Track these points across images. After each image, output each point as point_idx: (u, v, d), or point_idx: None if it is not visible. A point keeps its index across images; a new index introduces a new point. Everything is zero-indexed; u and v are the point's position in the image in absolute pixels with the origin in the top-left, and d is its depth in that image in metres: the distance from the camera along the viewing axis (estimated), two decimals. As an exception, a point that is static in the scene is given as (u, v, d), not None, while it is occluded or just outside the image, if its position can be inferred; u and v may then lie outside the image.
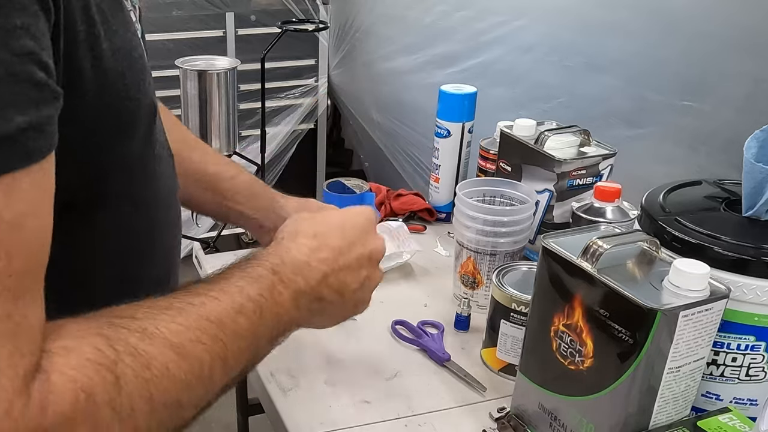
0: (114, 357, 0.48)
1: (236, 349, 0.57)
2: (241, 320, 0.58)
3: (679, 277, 0.76)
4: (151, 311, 0.53)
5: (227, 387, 0.60)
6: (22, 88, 0.42)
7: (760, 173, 0.84)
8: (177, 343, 0.52)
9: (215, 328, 0.56)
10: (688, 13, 1.33)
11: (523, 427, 0.90)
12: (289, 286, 0.65)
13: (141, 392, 0.49)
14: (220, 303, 0.57)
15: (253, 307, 0.60)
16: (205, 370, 0.54)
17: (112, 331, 0.49)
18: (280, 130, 3.07)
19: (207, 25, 2.84)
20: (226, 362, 0.56)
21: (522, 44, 1.83)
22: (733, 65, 1.24)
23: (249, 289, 0.61)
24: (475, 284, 1.15)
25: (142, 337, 0.50)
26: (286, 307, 0.64)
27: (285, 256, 0.66)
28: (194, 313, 0.55)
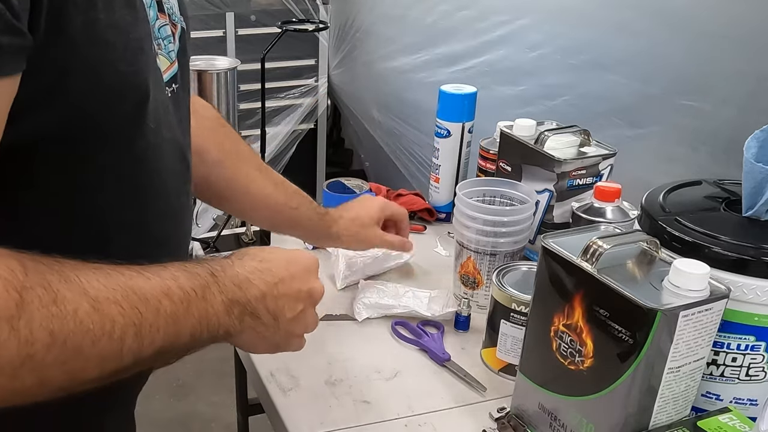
0: (25, 283, 0.50)
1: (153, 325, 0.58)
2: (165, 302, 0.59)
3: (679, 277, 0.76)
4: (79, 264, 0.55)
5: (139, 362, 0.59)
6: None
7: (760, 173, 0.84)
8: (93, 295, 0.54)
9: (136, 299, 0.57)
10: (691, 11, 1.33)
11: (523, 427, 0.90)
12: (225, 292, 0.66)
13: (43, 323, 0.50)
14: (149, 281, 0.59)
15: (181, 295, 0.61)
16: (116, 331, 0.55)
17: (32, 263, 0.52)
18: (280, 130, 3.07)
19: (207, 25, 2.84)
20: (140, 333, 0.57)
21: (526, 43, 1.83)
22: (736, 64, 1.24)
23: (182, 281, 0.62)
24: (475, 284, 1.15)
25: (60, 279, 0.52)
26: (216, 309, 0.65)
27: (227, 268, 0.68)
28: (120, 280, 0.57)
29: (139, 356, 0.58)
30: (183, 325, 0.61)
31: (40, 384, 0.53)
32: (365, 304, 1.14)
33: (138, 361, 0.59)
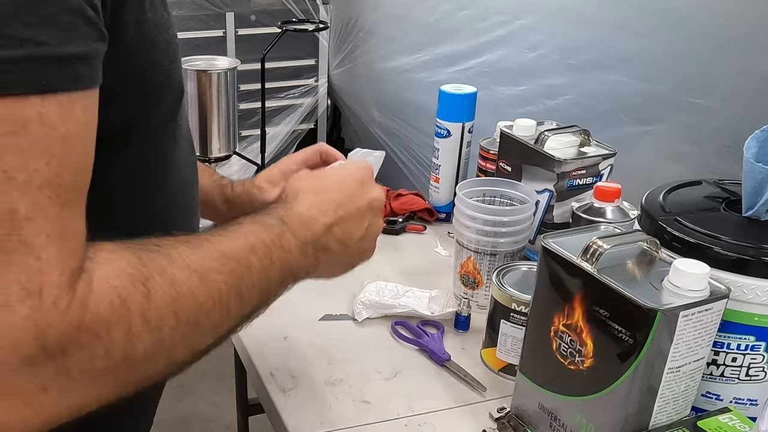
0: (146, 273, 0.52)
1: (250, 284, 0.61)
2: (253, 259, 0.62)
3: (679, 277, 0.76)
4: (172, 242, 0.57)
5: (241, 322, 0.63)
6: (75, 20, 0.47)
7: (760, 173, 0.84)
8: (198, 269, 0.56)
9: (231, 263, 0.60)
10: (693, 10, 1.33)
11: (523, 427, 0.90)
12: (297, 236, 0.68)
13: (168, 307, 0.53)
14: (234, 241, 0.62)
15: (264, 250, 0.64)
16: (223, 298, 0.58)
17: (143, 252, 0.54)
18: (280, 130, 3.07)
19: (207, 25, 2.84)
20: (241, 295, 0.60)
21: (526, 43, 1.83)
22: (740, 62, 1.24)
23: (261, 234, 0.65)
24: (475, 284, 1.15)
25: (169, 261, 0.55)
26: (294, 255, 0.67)
27: (290, 209, 0.70)
28: (211, 248, 0.59)
29: (242, 316, 0.62)
30: (272, 277, 0.65)
31: (169, 364, 0.56)
32: (365, 304, 1.14)
33: (241, 321, 0.63)
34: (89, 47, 0.49)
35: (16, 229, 0.44)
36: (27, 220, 0.44)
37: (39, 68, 0.45)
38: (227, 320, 0.60)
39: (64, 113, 0.46)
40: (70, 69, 0.47)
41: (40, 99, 0.45)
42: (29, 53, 0.44)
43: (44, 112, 0.45)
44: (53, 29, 0.45)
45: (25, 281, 0.44)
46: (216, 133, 2.54)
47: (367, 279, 1.20)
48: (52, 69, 0.46)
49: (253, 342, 1.08)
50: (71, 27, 0.47)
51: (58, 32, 0.46)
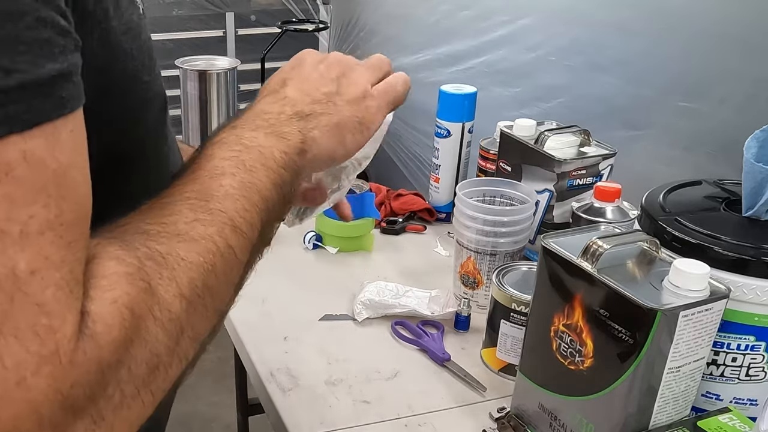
0: (137, 263, 0.45)
1: (239, 210, 0.53)
2: (227, 181, 0.54)
3: (679, 277, 0.76)
4: (139, 214, 0.51)
5: (257, 250, 0.56)
6: (49, 34, 0.40)
7: (760, 173, 0.84)
8: (177, 230, 0.49)
9: (204, 203, 0.52)
10: (689, 12, 1.33)
11: (523, 427, 0.90)
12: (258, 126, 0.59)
13: (172, 292, 0.47)
14: (197, 181, 0.54)
15: (233, 164, 0.55)
16: (219, 244, 0.51)
17: (126, 237, 0.47)
18: (280, 130, 3.07)
19: (207, 25, 2.85)
20: (237, 227, 0.52)
21: (525, 43, 1.83)
22: (733, 66, 1.24)
23: (219, 153, 0.56)
24: (475, 284, 1.15)
25: (147, 236, 0.48)
26: (266, 143, 0.58)
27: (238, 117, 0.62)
28: (178, 201, 0.52)
29: (252, 244, 0.54)
30: (257, 185, 0.55)
31: (195, 340, 0.50)
32: (365, 304, 1.14)
33: (255, 248, 0.56)
34: (69, 61, 0.42)
35: (20, 288, 0.38)
36: (31, 275, 0.39)
37: (15, 101, 0.38)
38: (236, 259, 0.53)
39: (51, 145, 0.40)
40: (52, 93, 0.41)
41: (21, 137, 0.38)
42: (6, 86, 0.38)
43: (29, 149, 0.39)
44: (25, 50, 0.39)
45: (39, 347, 0.39)
46: (216, 133, 2.54)
47: (367, 279, 1.20)
48: (31, 98, 0.39)
49: (253, 342, 1.08)
50: (46, 43, 0.40)
51: (32, 52, 0.39)
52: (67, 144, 0.42)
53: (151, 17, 2.73)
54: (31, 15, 0.39)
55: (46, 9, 0.40)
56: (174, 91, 2.50)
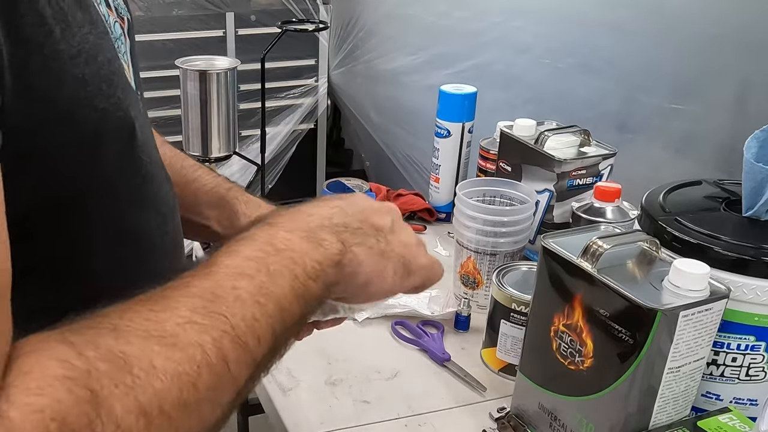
0: (84, 366, 0.38)
1: (247, 319, 0.46)
2: (242, 283, 0.47)
3: (679, 277, 0.76)
4: (125, 305, 0.44)
5: (263, 365, 0.48)
6: None
7: (760, 173, 0.84)
8: (160, 331, 0.42)
9: (209, 303, 0.45)
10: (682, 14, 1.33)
11: (523, 427, 0.90)
12: (296, 227, 0.53)
13: (126, 404, 0.39)
14: (210, 276, 0.47)
15: (254, 266, 0.49)
16: (211, 355, 0.43)
17: (77, 335, 0.40)
18: (280, 130, 3.07)
19: (207, 25, 2.84)
20: (238, 338, 0.45)
21: (518, 45, 1.83)
22: (726, 68, 1.24)
23: (244, 251, 0.50)
24: (475, 284, 1.15)
25: (116, 335, 0.41)
26: (300, 250, 0.51)
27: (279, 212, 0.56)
28: (178, 295, 0.45)
29: (255, 359, 0.47)
30: (278, 291, 0.49)
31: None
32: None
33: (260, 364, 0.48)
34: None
35: None
36: None
37: None
38: (230, 375, 0.45)
39: None
40: None
41: None
42: None
43: None
44: None
45: None
46: (216, 133, 2.54)
47: None
48: None
49: (253, 342, 1.08)
50: None
51: None
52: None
53: (151, 17, 2.73)
54: None
55: None
56: (174, 91, 2.50)
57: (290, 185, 3.16)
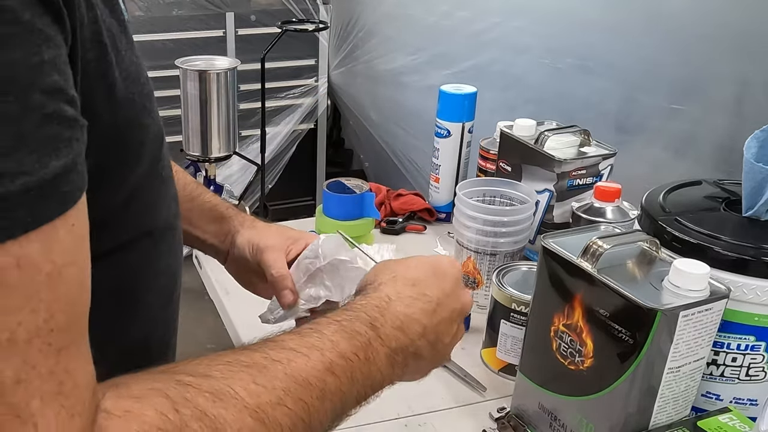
0: (179, 422, 0.43)
1: (320, 411, 0.53)
2: (329, 380, 0.54)
3: (679, 277, 0.76)
4: (229, 368, 0.49)
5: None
6: (55, 130, 0.38)
7: (760, 173, 0.84)
8: (254, 405, 0.47)
9: (300, 389, 0.51)
10: (680, 15, 1.33)
11: (523, 427, 0.90)
12: (387, 343, 0.60)
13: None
14: (309, 360, 0.53)
15: (344, 366, 0.55)
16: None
17: (178, 391, 0.45)
18: (280, 130, 3.07)
19: (207, 25, 2.84)
20: (310, 425, 0.52)
21: (517, 46, 1.83)
22: (723, 68, 1.24)
23: (343, 345, 0.56)
24: (475, 284, 1.15)
25: (214, 398, 0.46)
26: (379, 366, 0.59)
27: (385, 309, 0.62)
28: (279, 372, 0.51)
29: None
30: (348, 396, 0.56)
31: None
32: None
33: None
34: (74, 151, 0.39)
35: (4, 398, 0.36)
36: (16, 384, 0.36)
37: (18, 206, 0.36)
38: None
39: (47, 247, 0.38)
40: (55, 192, 0.38)
41: (17, 242, 0.36)
42: (6, 191, 0.35)
43: (23, 255, 0.36)
44: (31, 150, 0.37)
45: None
46: (216, 133, 2.54)
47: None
48: (34, 202, 0.37)
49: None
50: (52, 139, 0.38)
51: (38, 152, 0.37)
52: (65, 242, 0.39)
53: (151, 17, 2.73)
54: (38, 112, 0.37)
55: (53, 102, 0.38)
56: (174, 91, 2.50)
57: (290, 185, 3.16)
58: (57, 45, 0.39)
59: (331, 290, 0.81)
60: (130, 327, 0.60)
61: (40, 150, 0.37)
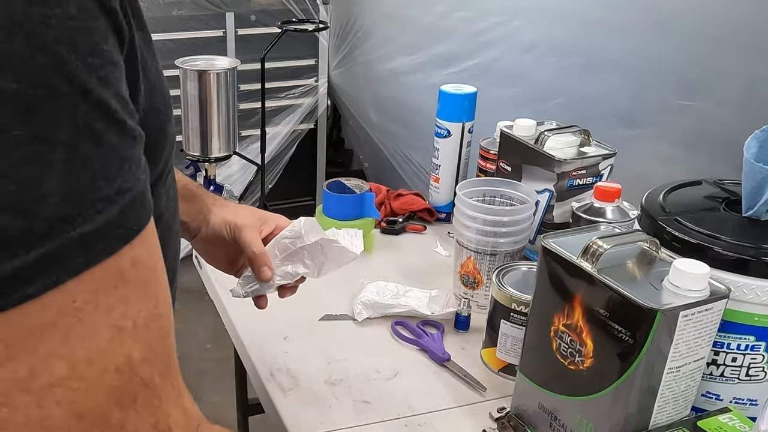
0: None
1: None
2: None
3: (679, 277, 0.76)
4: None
5: None
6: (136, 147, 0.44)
7: (760, 173, 0.84)
8: None
9: None
10: (685, 12, 1.33)
11: (523, 427, 0.90)
12: None
13: None
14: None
15: None
16: None
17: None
18: (280, 130, 3.07)
19: (207, 25, 2.84)
20: None
21: (520, 44, 1.83)
22: (731, 64, 1.24)
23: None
24: (475, 284, 1.15)
25: None
26: None
27: None
28: None
29: None
30: None
31: None
32: (365, 304, 1.14)
33: None
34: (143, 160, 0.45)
35: (136, 374, 0.43)
36: (143, 362, 0.44)
37: (128, 216, 0.43)
38: None
39: (147, 246, 0.45)
40: (146, 200, 0.45)
41: (131, 246, 0.43)
42: (121, 206, 0.42)
43: (136, 255, 0.43)
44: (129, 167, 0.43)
45: (154, 422, 0.45)
46: (216, 133, 2.54)
47: (367, 279, 1.20)
48: (138, 210, 0.44)
49: (253, 342, 1.08)
50: (138, 155, 0.44)
51: (133, 168, 0.43)
52: (154, 241, 0.46)
53: (151, 17, 2.72)
54: (129, 135, 0.43)
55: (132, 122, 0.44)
56: (174, 91, 2.50)
57: (290, 185, 3.16)
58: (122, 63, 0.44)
59: (310, 268, 0.90)
60: None
61: (133, 166, 0.43)
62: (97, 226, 0.40)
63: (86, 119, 0.39)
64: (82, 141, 0.39)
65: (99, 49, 0.40)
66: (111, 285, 0.42)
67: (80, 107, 0.39)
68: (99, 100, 0.40)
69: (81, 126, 0.39)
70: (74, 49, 0.39)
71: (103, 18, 0.41)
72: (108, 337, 0.41)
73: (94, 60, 0.40)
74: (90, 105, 0.40)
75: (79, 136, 0.39)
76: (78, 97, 0.39)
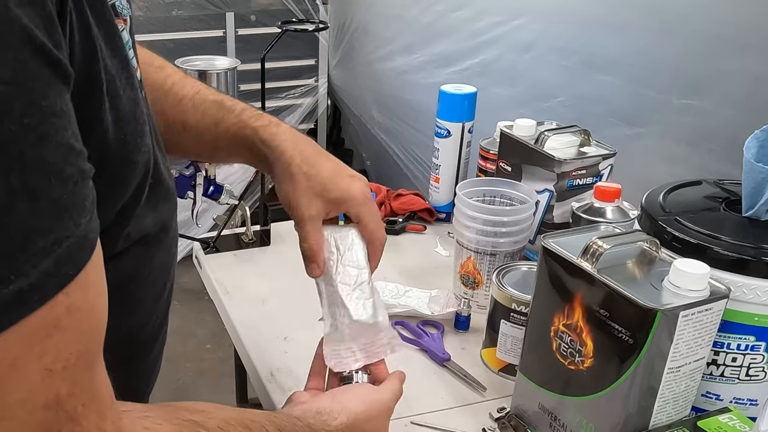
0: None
1: None
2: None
3: (679, 277, 0.76)
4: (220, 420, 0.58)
5: None
6: (80, 190, 0.43)
7: (760, 173, 0.84)
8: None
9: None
10: (687, 11, 1.33)
11: (523, 427, 0.90)
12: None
13: None
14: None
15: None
16: None
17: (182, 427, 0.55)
18: (281, 130, 3.07)
19: (207, 25, 2.85)
20: None
21: (521, 43, 1.83)
22: (733, 63, 1.24)
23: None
24: (475, 284, 1.15)
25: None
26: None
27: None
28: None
29: None
30: None
31: None
32: None
33: None
34: (91, 200, 0.44)
35: (62, 407, 0.44)
36: (68, 396, 0.44)
37: (65, 263, 0.42)
38: None
39: (84, 288, 0.44)
40: (86, 242, 0.43)
41: (65, 293, 0.42)
42: (58, 255, 0.41)
43: (71, 302, 0.43)
44: (70, 215, 0.41)
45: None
46: (216, 133, 2.54)
47: None
48: (74, 255, 0.42)
49: (253, 342, 1.08)
50: (82, 199, 0.42)
51: (75, 213, 0.42)
52: (93, 280, 0.45)
53: (151, 17, 2.73)
54: (70, 182, 0.41)
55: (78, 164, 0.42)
56: (174, 91, 2.50)
57: (290, 185, 3.16)
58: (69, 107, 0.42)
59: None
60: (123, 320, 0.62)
61: (74, 213, 0.42)
62: (31, 281, 0.39)
63: (21, 179, 0.38)
64: (16, 201, 0.38)
65: (36, 107, 0.39)
66: (45, 333, 0.42)
67: (14, 169, 0.38)
68: (36, 159, 0.39)
69: (15, 187, 0.38)
70: (7, 115, 0.37)
71: (48, 70, 0.40)
72: (39, 380, 0.42)
73: (30, 120, 0.38)
74: (25, 165, 0.38)
75: (12, 197, 0.38)
76: (12, 161, 0.38)
